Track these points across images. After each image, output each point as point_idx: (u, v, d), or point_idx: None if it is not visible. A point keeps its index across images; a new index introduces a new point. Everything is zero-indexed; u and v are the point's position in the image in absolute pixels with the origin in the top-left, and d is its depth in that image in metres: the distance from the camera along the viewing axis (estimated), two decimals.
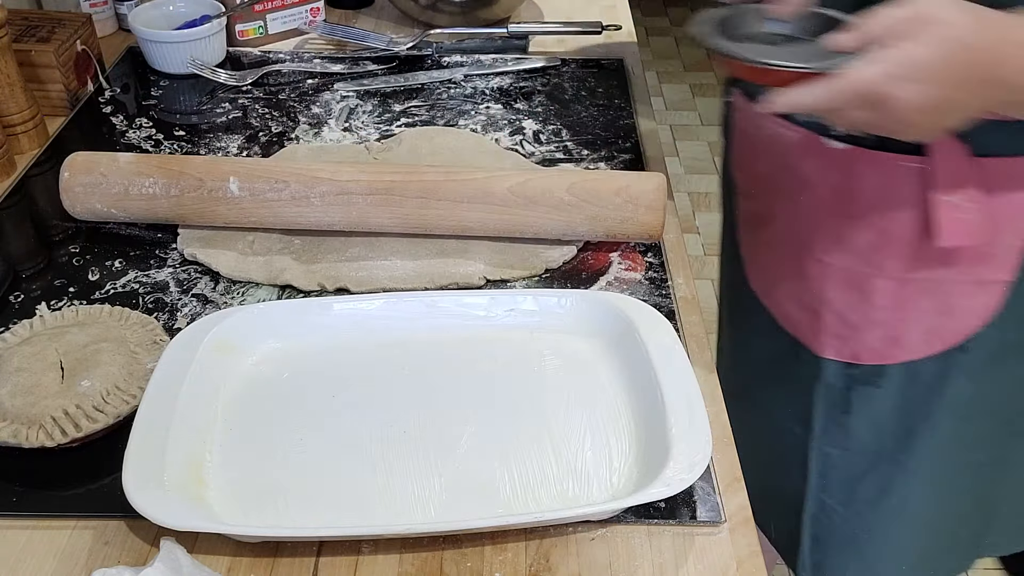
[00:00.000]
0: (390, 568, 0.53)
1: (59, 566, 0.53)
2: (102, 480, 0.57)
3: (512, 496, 0.55)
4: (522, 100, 0.99)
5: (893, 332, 0.76)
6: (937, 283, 0.73)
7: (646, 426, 0.59)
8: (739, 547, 0.55)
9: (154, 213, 0.76)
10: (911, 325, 0.76)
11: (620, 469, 0.57)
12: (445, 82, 1.01)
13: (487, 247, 0.76)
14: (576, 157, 0.89)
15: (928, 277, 0.73)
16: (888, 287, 0.75)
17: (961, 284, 0.73)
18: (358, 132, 0.93)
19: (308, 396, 0.62)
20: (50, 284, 0.73)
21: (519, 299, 0.68)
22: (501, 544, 0.55)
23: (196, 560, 0.52)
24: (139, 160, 0.76)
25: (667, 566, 0.53)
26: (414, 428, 0.59)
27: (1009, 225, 0.69)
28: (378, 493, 0.55)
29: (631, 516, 0.56)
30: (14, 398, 0.58)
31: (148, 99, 0.99)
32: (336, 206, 0.74)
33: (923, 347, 0.76)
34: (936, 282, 0.73)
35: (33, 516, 0.56)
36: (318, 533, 0.54)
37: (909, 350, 0.77)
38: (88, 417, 0.58)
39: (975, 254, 0.70)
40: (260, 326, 0.65)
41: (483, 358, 0.65)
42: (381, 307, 0.67)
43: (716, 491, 0.58)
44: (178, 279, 0.73)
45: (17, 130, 0.88)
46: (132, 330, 0.65)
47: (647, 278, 0.74)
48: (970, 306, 0.73)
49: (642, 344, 0.62)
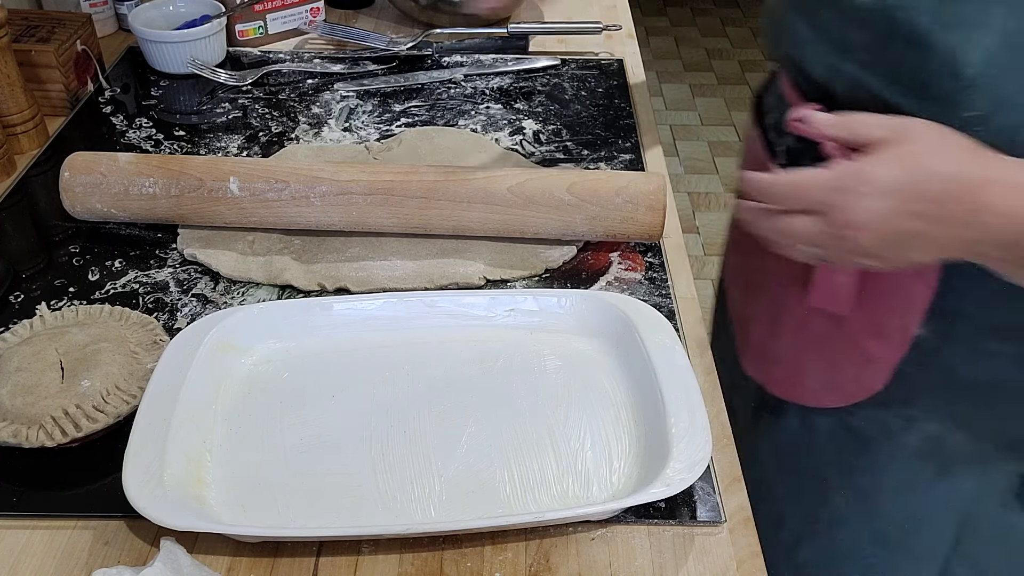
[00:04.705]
0: (390, 568, 0.53)
1: (59, 566, 0.53)
2: (102, 480, 0.57)
3: (512, 496, 0.55)
4: (522, 100, 0.99)
5: (795, 373, 0.76)
6: (830, 338, 0.72)
7: (646, 426, 0.59)
8: (739, 547, 0.55)
9: (154, 213, 0.76)
10: (808, 371, 0.75)
11: (620, 469, 0.57)
12: (445, 82, 1.01)
13: (487, 247, 0.76)
14: (576, 157, 0.89)
15: (822, 330, 0.72)
16: (789, 328, 0.75)
17: (849, 350, 0.71)
18: (358, 132, 0.93)
19: (308, 396, 0.62)
20: (50, 284, 0.73)
21: (519, 299, 0.68)
22: (501, 544, 0.55)
23: (196, 560, 0.52)
24: (139, 160, 0.76)
25: (667, 566, 0.53)
26: (414, 428, 0.59)
27: (894, 311, 0.67)
28: (378, 493, 0.55)
29: (631, 516, 0.56)
30: (14, 398, 0.58)
31: (148, 99, 0.99)
32: (336, 206, 0.74)
33: (822, 397, 0.75)
34: (830, 336, 0.72)
35: (33, 516, 0.56)
36: (318, 533, 0.54)
37: (807, 396, 0.76)
38: (88, 417, 0.58)
39: (864, 325, 0.69)
40: (260, 326, 0.65)
41: (483, 358, 0.65)
42: (381, 307, 0.67)
43: (716, 491, 0.58)
44: (178, 279, 0.73)
45: (17, 130, 0.88)
46: (132, 330, 0.65)
47: (647, 278, 0.74)
48: (857, 375, 0.72)
49: (642, 344, 0.62)
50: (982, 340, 0.64)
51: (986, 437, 0.69)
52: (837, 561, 0.81)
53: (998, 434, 0.69)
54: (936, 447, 0.71)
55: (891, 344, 0.68)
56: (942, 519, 0.75)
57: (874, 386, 0.71)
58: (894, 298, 0.67)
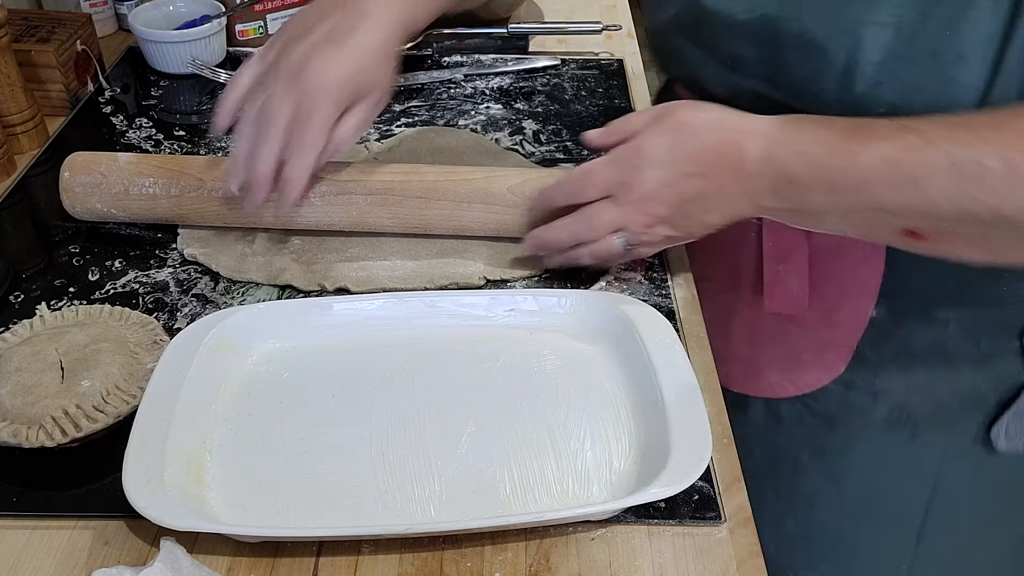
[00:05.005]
0: (390, 568, 0.53)
1: (59, 566, 0.53)
2: (102, 480, 0.57)
3: (512, 496, 0.55)
4: (522, 100, 0.99)
5: (754, 368, 0.78)
6: (784, 334, 0.74)
7: (646, 426, 0.59)
8: (739, 547, 0.55)
9: (154, 213, 0.76)
10: (766, 365, 0.77)
11: (620, 469, 0.57)
12: (445, 82, 1.01)
13: (487, 247, 0.76)
14: (576, 157, 0.89)
15: (775, 326, 0.74)
16: (743, 327, 0.77)
17: (805, 341, 0.74)
18: None
19: (308, 396, 0.62)
20: (50, 284, 0.73)
21: (519, 299, 0.68)
22: (501, 544, 0.55)
23: (196, 560, 0.52)
24: (139, 160, 0.76)
25: (667, 566, 0.53)
26: (414, 428, 0.59)
27: (846, 297, 0.69)
28: (378, 493, 0.55)
29: (631, 516, 0.56)
30: (14, 398, 0.58)
31: (148, 99, 0.99)
32: (336, 206, 0.74)
33: (780, 388, 0.77)
34: (784, 332, 0.74)
35: (33, 516, 0.56)
36: (318, 533, 0.54)
37: (769, 390, 0.78)
38: (88, 417, 0.58)
39: (818, 316, 0.71)
40: (260, 326, 0.65)
41: (483, 358, 0.65)
42: (381, 307, 0.67)
43: (716, 491, 0.58)
44: (178, 279, 0.73)
45: (17, 130, 0.88)
46: (132, 330, 0.65)
47: (647, 278, 0.74)
48: (816, 362, 0.74)
49: (642, 344, 0.62)
50: (931, 310, 0.68)
51: (946, 397, 0.72)
52: (820, 534, 0.84)
53: (955, 392, 0.72)
54: (902, 415, 0.74)
55: (847, 329, 0.71)
56: (915, 483, 0.77)
57: (835, 370, 0.73)
58: (846, 287, 0.70)
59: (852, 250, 0.68)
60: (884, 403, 0.74)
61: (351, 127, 0.67)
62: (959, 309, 0.67)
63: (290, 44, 0.64)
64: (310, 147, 0.64)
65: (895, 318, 0.69)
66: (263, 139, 0.64)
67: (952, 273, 0.62)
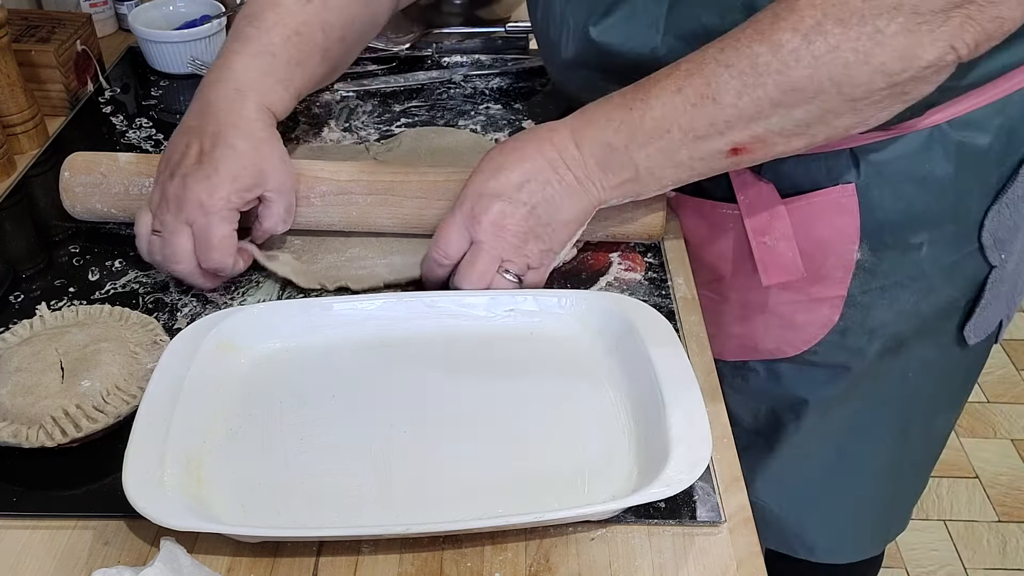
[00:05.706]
0: (390, 568, 0.53)
1: (59, 566, 0.53)
2: (102, 480, 0.57)
3: (512, 496, 0.55)
4: (522, 100, 0.99)
5: (749, 342, 0.81)
6: (775, 304, 0.77)
7: (646, 426, 0.59)
8: (739, 547, 0.55)
9: None
10: (761, 337, 0.80)
11: (620, 469, 0.57)
12: (445, 82, 1.01)
13: None
14: None
15: (765, 301, 0.78)
16: (733, 310, 0.80)
17: (798, 303, 0.77)
18: (358, 132, 0.93)
19: (308, 396, 0.62)
20: (50, 284, 0.73)
21: (519, 299, 0.68)
22: (501, 544, 0.55)
23: (196, 560, 0.52)
24: (139, 160, 0.76)
25: (667, 566, 0.53)
26: (414, 428, 0.59)
27: (831, 250, 0.73)
28: (378, 493, 0.55)
29: (631, 516, 0.56)
30: (14, 398, 0.58)
31: (148, 99, 0.99)
32: (336, 206, 0.74)
33: (778, 352, 0.81)
34: (775, 304, 0.77)
35: (33, 516, 0.56)
36: (318, 533, 0.54)
37: (766, 353, 0.81)
38: (88, 417, 0.58)
39: (809, 277, 0.74)
40: (260, 326, 0.65)
41: (483, 358, 0.65)
42: (381, 307, 0.67)
43: (716, 491, 0.58)
44: (178, 279, 0.73)
45: (17, 130, 0.88)
46: (132, 330, 0.65)
47: (647, 278, 0.74)
48: (811, 320, 0.77)
49: (642, 344, 0.62)
50: (907, 237, 0.71)
51: (929, 313, 0.77)
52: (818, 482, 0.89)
53: (935, 307, 0.77)
54: (897, 342, 0.79)
55: (837, 278, 0.74)
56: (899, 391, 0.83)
57: (830, 322, 0.77)
58: (830, 239, 0.72)
59: (825, 202, 0.70)
60: (879, 337, 0.78)
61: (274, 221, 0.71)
62: (930, 230, 0.71)
63: (166, 182, 0.67)
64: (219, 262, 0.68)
65: (878, 256, 0.72)
66: (176, 267, 0.68)
67: (921, 194, 0.69)
